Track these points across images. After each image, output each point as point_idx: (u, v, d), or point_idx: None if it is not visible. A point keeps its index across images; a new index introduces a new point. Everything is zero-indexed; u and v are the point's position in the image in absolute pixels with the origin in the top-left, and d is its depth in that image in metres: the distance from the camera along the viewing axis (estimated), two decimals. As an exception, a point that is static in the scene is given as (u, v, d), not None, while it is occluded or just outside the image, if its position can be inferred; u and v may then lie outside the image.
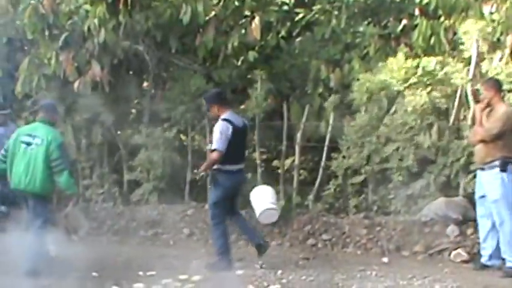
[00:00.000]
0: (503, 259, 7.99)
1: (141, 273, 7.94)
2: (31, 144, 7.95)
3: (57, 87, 11.66)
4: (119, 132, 11.68)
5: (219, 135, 8.09)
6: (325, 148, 10.51)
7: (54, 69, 11.36)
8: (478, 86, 9.06)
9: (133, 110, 12.38)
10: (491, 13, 9.48)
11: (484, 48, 9.52)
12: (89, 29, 11.04)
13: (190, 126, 11.31)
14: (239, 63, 11.78)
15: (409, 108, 9.62)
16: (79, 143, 11.72)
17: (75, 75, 11.24)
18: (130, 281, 7.58)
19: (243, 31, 11.40)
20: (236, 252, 9.30)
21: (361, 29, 11.23)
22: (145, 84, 12.30)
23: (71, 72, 11.28)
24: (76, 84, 11.15)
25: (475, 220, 8.55)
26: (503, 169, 7.79)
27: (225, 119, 8.19)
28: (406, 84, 9.78)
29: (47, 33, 11.50)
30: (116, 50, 11.34)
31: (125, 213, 10.91)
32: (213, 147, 8.16)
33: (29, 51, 12.23)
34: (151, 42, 11.62)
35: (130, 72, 12.27)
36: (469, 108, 9.49)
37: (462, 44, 9.75)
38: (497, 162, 7.81)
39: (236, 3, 11.57)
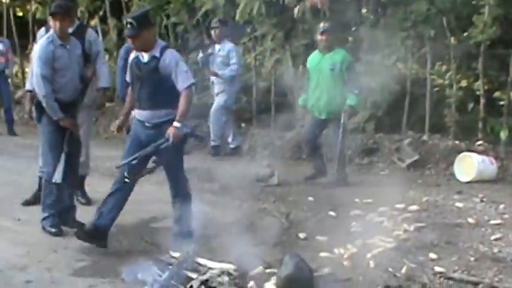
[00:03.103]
0: None
1: (357, 200, 7.94)
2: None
3: (276, 13, 11.75)
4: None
5: None
6: (558, 80, 9.83)
7: (275, -5, 11.43)
8: None
9: (350, 38, 12.21)
10: None
11: None
12: (309, -47, 10.94)
13: (410, 54, 11.00)
14: (464, -13, 11.20)
15: None
16: (297, 69, 11.81)
17: (294, 1, 11.24)
18: (346, 208, 7.61)
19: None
20: (453, 184, 9.10)
21: None
22: (364, 10, 12.08)
23: (291, -1, 11.30)
24: (295, 10, 11.14)
25: None
26: None
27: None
28: None
29: (266, -41, 11.56)
30: (336, -25, 11.20)
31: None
32: None
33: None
34: (371, -34, 11.37)
35: (350, -1, 12.09)
36: None
37: None
38: None
39: None
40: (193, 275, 5.20)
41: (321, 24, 9.30)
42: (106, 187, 6.51)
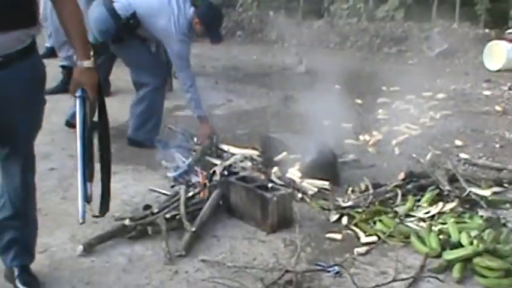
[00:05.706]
0: None
1: (384, 88, 7.85)
2: None
3: None
4: None
5: None
6: None
7: None
8: None
9: None
10: None
11: None
12: None
13: None
14: None
15: None
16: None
17: None
18: (373, 95, 7.55)
19: None
20: (482, 73, 8.99)
21: None
22: None
23: None
24: None
25: None
26: None
27: None
28: None
29: None
30: None
31: (369, 29, 10.75)
32: None
33: None
34: None
35: None
36: None
37: None
38: None
39: None
40: (217, 161, 5.21)
41: None
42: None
